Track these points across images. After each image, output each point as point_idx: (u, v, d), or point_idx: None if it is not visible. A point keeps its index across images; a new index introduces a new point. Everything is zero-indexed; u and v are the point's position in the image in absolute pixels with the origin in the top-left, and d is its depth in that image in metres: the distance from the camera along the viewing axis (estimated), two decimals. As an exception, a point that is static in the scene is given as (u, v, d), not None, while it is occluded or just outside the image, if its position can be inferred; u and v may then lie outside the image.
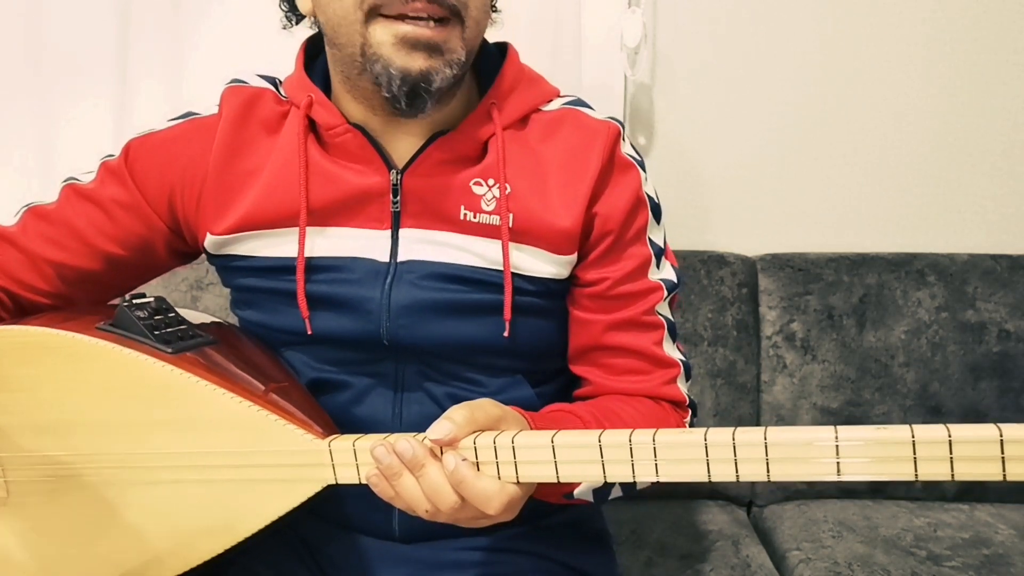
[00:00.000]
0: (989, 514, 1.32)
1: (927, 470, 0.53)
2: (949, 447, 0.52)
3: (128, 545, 0.73)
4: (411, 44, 0.69)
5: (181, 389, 0.69)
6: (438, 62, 0.70)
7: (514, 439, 0.62)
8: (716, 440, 0.57)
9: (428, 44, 0.69)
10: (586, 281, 0.80)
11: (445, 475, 0.63)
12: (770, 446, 0.56)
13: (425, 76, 0.70)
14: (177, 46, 1.43)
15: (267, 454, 0.68)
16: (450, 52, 0.71)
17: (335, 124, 0.78)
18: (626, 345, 0.81)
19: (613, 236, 0.79)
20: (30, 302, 0.85)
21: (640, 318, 0.81)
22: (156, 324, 0.74)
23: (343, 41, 0.73)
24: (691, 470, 0.58)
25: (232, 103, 0.81)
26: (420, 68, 0.70)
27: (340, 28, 0.72)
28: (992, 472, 0.52)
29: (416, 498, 0.63)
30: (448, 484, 0.63)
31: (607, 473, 0.60)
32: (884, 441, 0.54)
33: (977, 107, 1.49)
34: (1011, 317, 1.39)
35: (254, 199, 0.80)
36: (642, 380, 0.82)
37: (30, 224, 0.84)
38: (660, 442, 0.59)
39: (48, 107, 1.43)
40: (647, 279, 0.81)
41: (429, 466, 0.63)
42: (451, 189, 0.78)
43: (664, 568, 1.18)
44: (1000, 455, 0.51)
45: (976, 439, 0.52)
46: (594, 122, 0.80)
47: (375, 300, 0.78)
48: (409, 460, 0.63)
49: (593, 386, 0.83)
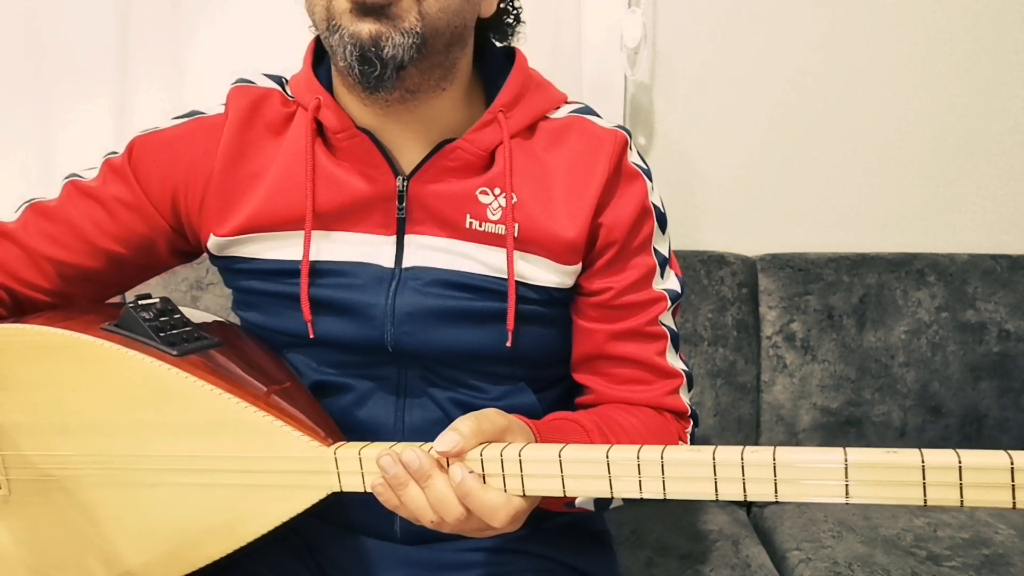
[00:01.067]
0: (989, 514, 1.32)
1: (936, 496, 0.52)
2: (959, 474, 0.52)
3: (129, 547, 0.73)
4: (360, 8, 0.69)
5: (186, 393, 0.69)
6: (387, 27, 0.69)
7: (521, 452, 0.61)
8: (725, 459, 0.57)
9: (374, 7, 0.68)
10: (591, 290, 0.80)
11: (451, 487, 0.62)
12: (779, 467, 0.55)
13: (374, 40, 0.69)
14: (177, 46, 1.43)
15: (272, 460, 0.68)
16: (400, 19, 0.69)
17: (343, 128, 0.77)
18: (629, 355, 0.81)
19: (618, 246, 0.79)
20: (29, 299, 0.84)
21: (644, 328, 0.81)
22: (161, 326, 0.73)
23: (315, 19, 0.73)
24: (699, 488, 0.58)
25: (239, 103, 0.81)
26: (369, 32, 0.68)
27: (313, 6, 0.72)
28: (1002, 500, 0.51)
29: (421, 508, 0.63)
30: (454, 496, 0.62)
31: (614, 489, 0.60)
32: (894, 466, 0.53)
33: (977, 107, 1.50)
34: (1011, 317, 1.39)
35: (259, 201, 0.79)
36: (644, 390, 0.81)
37: (31, 221, 0.84)
38: (668, 460, 0.58)
39: (48, 107, 1.43)
40: (651, 289, 0.81)
41: (435, 477, 0.63)
42: (457, 197, 0.77)
43: (664, 568, 1.18)
44: (1011, 483, 0.51)
45: (986, 466, 0.51)
46: (601, 131, 0.80)
47: (379, 306, 0.78)
48: (415, 471, 0.63)
49: (595, 394, 0.83)
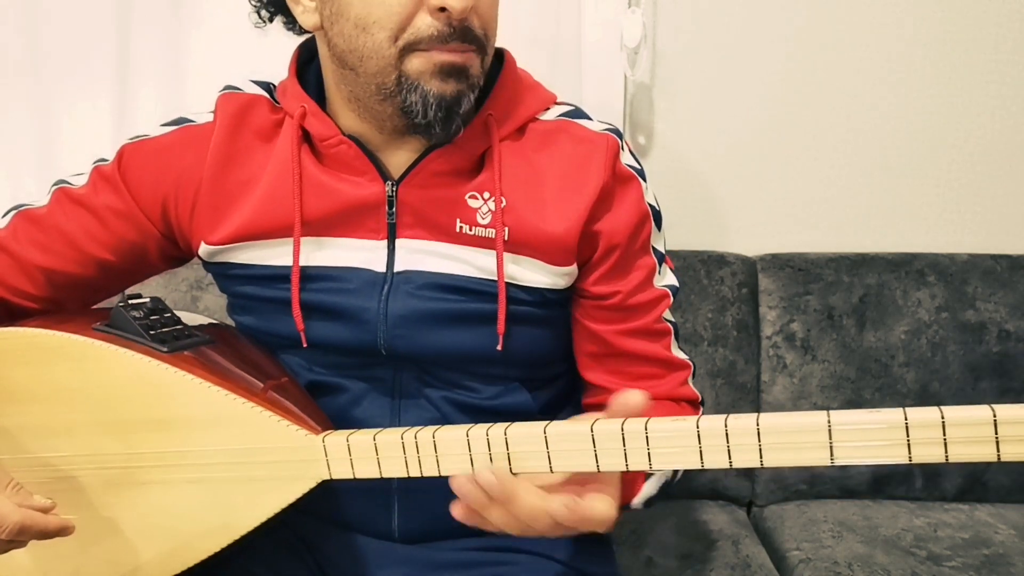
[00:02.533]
0: (989, 514, 1.32)
1: (921, 453, 0.53)
2: (943, 429, 0.52)
3: (125, 545, 0.73)
4: (447, 71, 0.72)
5: (176, 388, 0.69)
6: (464, 85, 0.73)
7: (507, 432, 0.62)
8: (709, 428, 0.57)
9: (459, 69, 0.72)
10: (597, 294, 0.81)
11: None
12: (763, 432, 0.56)
13: (457, 99, 0.73)
14: (176, 47, 1.43)
15: (262, 451, 0.68)
16: (473, 76, 0.74)
17: (329, 135, 0.78)
18: (641, 351, 0.82)
19: (621, 250, 0.79)
20: (20, 307, 0.84)
21: (652, 326, 0.82)
22: (152, 324, 0.74)
23: (371, 71, 0.73)
24: (684, 458, 0.58)
25: (226, 110, 0.81)
26: (453, 92, 0.72)
27: (368, 59, 0.73)
28: (986, 453, 0.52)
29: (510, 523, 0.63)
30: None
31: (600, 463, 0.60)
32: (877, 424, 0.53)
33: (977, 107, 1.49)
34: (1011, 317, 1.39)
35: (250, 210, 0.79)
36: (659, 384, 0.83)
37: (21, 228, 0.84)
38: (652, 430, 0.59)
39: (47, 108, 1.43)
40: (654, 287, 0.82)
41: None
42: (447, 201, 0.78)
43: (664, 568, 1.17)
44: (994, 436, 0.51)
45: (969, 421, 0.52)
46: (592, 134, 0.80)
47: (372, 310, 0.78)
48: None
49: (611, 393, 0.83)
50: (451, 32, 0.70)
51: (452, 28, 0.70)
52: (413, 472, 0.65)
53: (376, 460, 0.65)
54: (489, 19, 0.74)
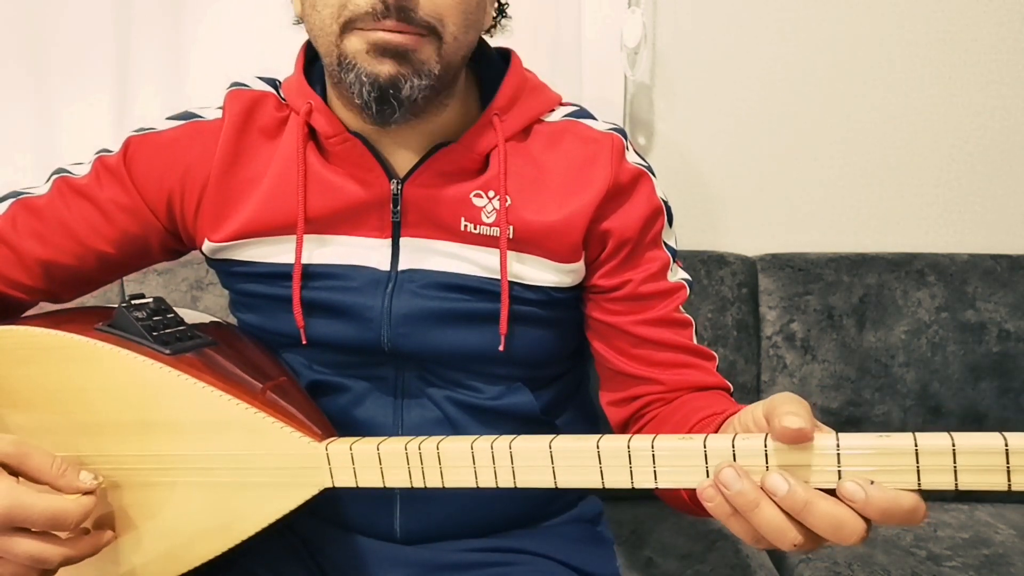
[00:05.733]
0: (989, 514, 1.32)
1: (931, 480, 0.51)
2: (953, 457, 0.51)
3: (124, 547, 0.73)
4: (380, 50, 0.69)
5: (179, 391, 0.69)
6: (406, 69, 0.69)
7: (512, 444, 0.61)
8: (716, 447, 0.56)
9: (396, 50, 0.69)
10: (609, 286, 0.80)
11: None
12: (770, 453, 0.55)
13: (393, 82, 0.69)
14: (177, 45, 1.42)
15: (264, 457, 0.68)
16: (421, 63, 0.70)
17: (334, 133, 0.77)
18: (667, 341, 0.80)
19: (631, 244, 0.79)
20: (15, 300, 0.83)
21: (672, 315, 0.81)
22: (154, 325, 0.73)
23: (323, 51, 0.73)
24: (692, 477, 0.57)
25: (234, 108, 0.81)
26: (388, 73, 0.69)
27: (319, 38, 0.72)
28: (997, 482, 0.50)
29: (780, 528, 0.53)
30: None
31: (605, 480, 0.59)
32: (887, 450, 0.52)
33: (977, 107, 1.49)
34: (1011, 317, 1.39)
35: (254, 207, 0.79)
36: (695, 373, 0.80)
37: (20, 218, 0.82)
38: (659, 448, 0.58)
39: (47, 107, 1.43)
40: (667, 280, 0.81)
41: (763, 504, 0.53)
42: (451, 200, 0.77)
43: (664, 568, 1.18)
44: (1005, 465, 0.50)
45: (980, 449, 0.51)
46: (597, 134, 0.80)
47: (376, 308, 0.78)
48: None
49: (654, 384, 0.80)
50: (384, 9, 0.67)
51: (386, 5, 0.67)
52: (416, 483, 0.64)
53: (379, 470, 0.65)
54: (445, 5, 0.70)
